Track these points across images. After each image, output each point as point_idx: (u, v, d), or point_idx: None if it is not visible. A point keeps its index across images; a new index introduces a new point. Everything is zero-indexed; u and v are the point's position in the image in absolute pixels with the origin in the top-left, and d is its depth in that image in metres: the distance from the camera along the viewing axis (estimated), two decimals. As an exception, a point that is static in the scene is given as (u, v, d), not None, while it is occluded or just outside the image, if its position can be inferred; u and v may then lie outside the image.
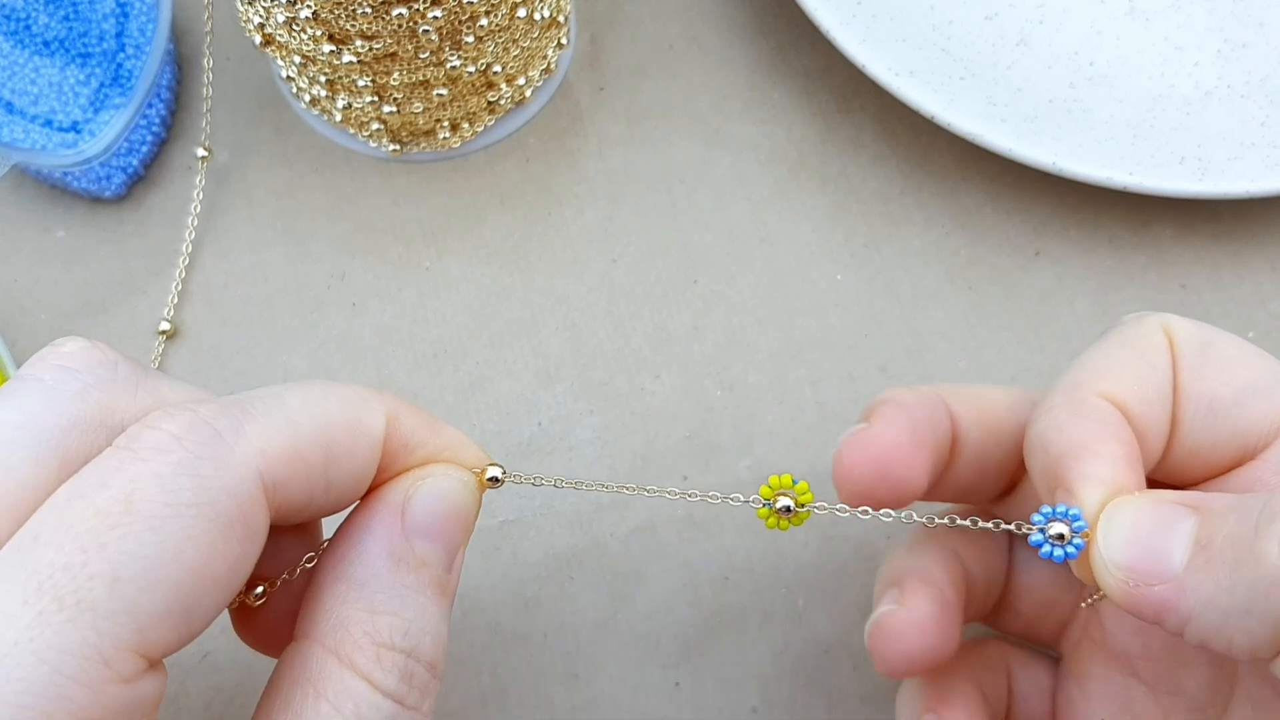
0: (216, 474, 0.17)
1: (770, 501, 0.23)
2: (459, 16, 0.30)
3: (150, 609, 0.16)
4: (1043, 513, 0.21)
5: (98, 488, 0.17)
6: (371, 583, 0.19)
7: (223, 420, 0.18)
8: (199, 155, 0.35)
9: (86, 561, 0.16)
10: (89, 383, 0.18)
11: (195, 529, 0.17)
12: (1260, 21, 0.36)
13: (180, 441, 0.17)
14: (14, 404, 0.18)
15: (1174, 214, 0.35)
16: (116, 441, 0.18)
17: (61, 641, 0.16)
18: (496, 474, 0.22)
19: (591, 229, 0.35)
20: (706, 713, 0.30)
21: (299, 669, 0.19)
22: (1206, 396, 0.22)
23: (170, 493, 0.17)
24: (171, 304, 0.34)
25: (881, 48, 0.34)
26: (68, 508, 0.17)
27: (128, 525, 0.16)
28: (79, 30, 0.34)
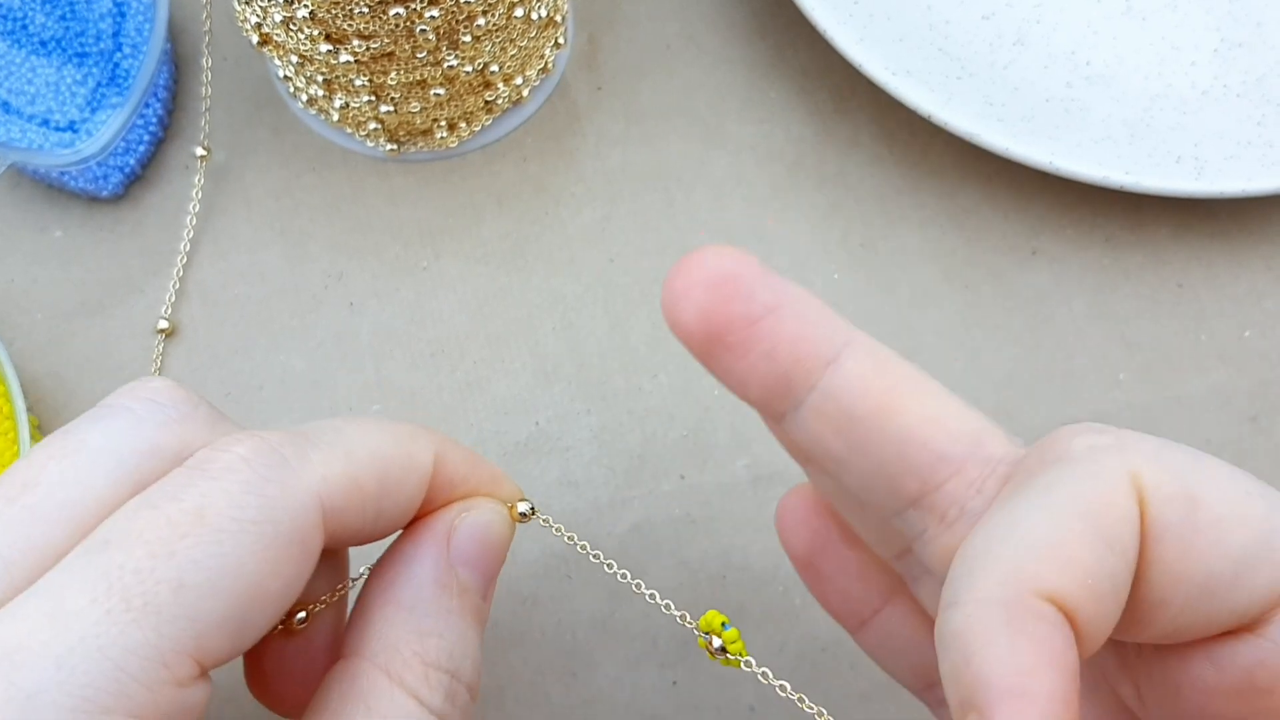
0: (281, 495, 0.18)
1: (709, 636, 0.23)
2: (456, 16, 0.30)
3: (210, 617, 0.17)
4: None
5: (169, 499, 0.18)
6: (419, 606, 0.21)
7: (288, 447, 0.19)
8: (198, 154, 0.35)
9: (155, 567, 0.17)
10: (172, 416, 0.19)
11: (258, 545, 0.18)
12: (1257, 21, 0.36)
13: (248, 463, 0.18)
14: (102, 427, 0.19)
15: (1171, 213, 0.35)
16: (187, 462, 0.19)
17: (126, 640, 0.16)
18: (524, 510, 0.24)
19: (589, 228, 0.35)
20: (704, 711, 0.30)
21: (348, 685, 0.20)
22: (1199, 576, 0.17)
23: (238, 509, 0.18)
24: (169, 304, 0.34)
25: (878, 47, 0.34)
26: (138, 516, 0.17)
27: (196, 536, 0.17)
28: (76, 30, 0.34)
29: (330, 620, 0.23)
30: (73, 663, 0.16)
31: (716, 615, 0.23)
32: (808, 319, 0.20)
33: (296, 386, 0.33)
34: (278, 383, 0.33)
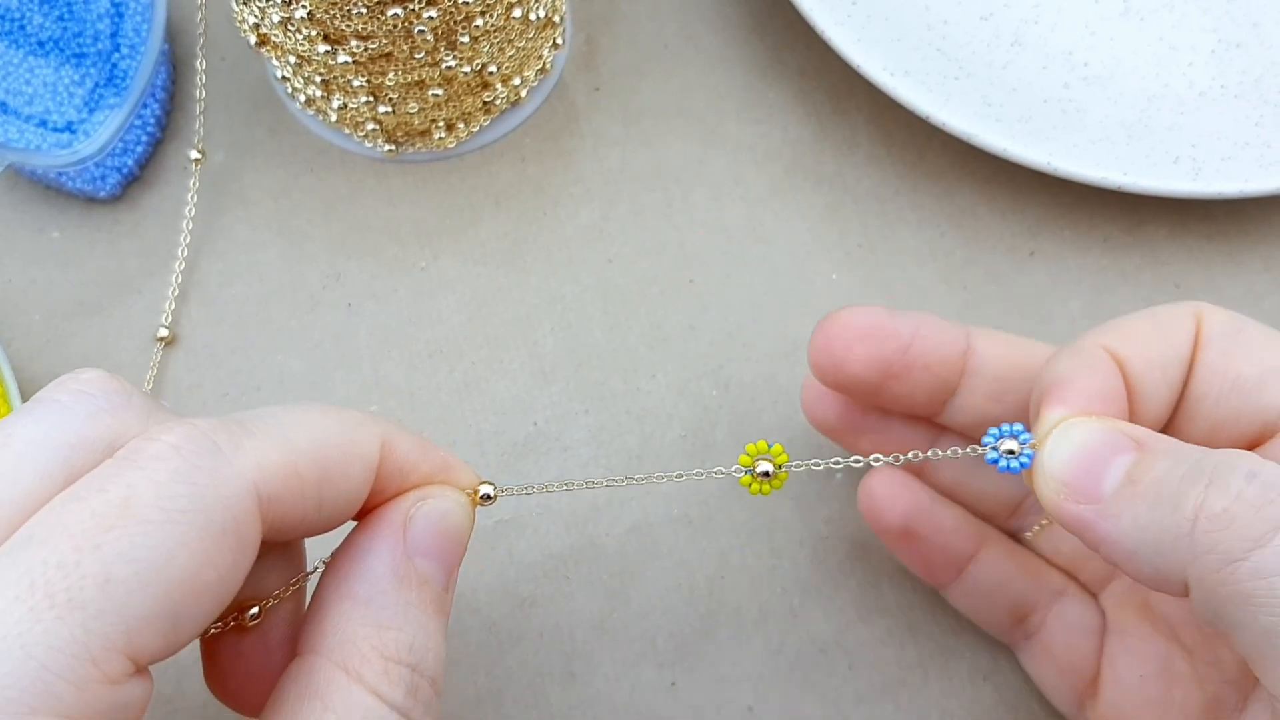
0: (212, 484, 0.18)
1: (750, 469, 0.24)
2: (454, 17, 0.30)
3: (140, 612, 0.17)
4: (992, 433, 0.23)
5: (95, 491, 0.17)
6: (377, 599, 0.20)
7: (220, 434, 0.18)
8: (193, 158, 0.35)
9: (80, 561, 0.16)
10: (103, 407, 0.19)
11: (188, 536, 0.17)
12: (1254, 22, 0.37)
13: (178, 451, 0.18)
14: (30, 420, 0.18)
15: (1168, 214, 0.35)
16: (117, 454, 0.18)
17: (50, 638, 0.16)
18: (488, 491, 0.23)
19: (587, 229, 0.35)
20: (703, 712, 0.30)
21: (305, 683, 0.19)
22: (1232, 373, 0.23)
23: (166, 499, 0.17)
24: (168, 307, 0.34)
25: (877, 48, 0.34)
26: (64, 510, 0.17)
27: (122, 528, 0.17)
28: (74, 30, 0.34)
29: (287, 615, 0.22)
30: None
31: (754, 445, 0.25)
32: (935, 330, 0.26)
33: (294, 387, 0.33)
34: (276, 383, 0.33)
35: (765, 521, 0.32)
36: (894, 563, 0.31)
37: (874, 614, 0.31)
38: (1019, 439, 0.23)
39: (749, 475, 0.24)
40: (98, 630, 0.16)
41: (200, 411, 0.33)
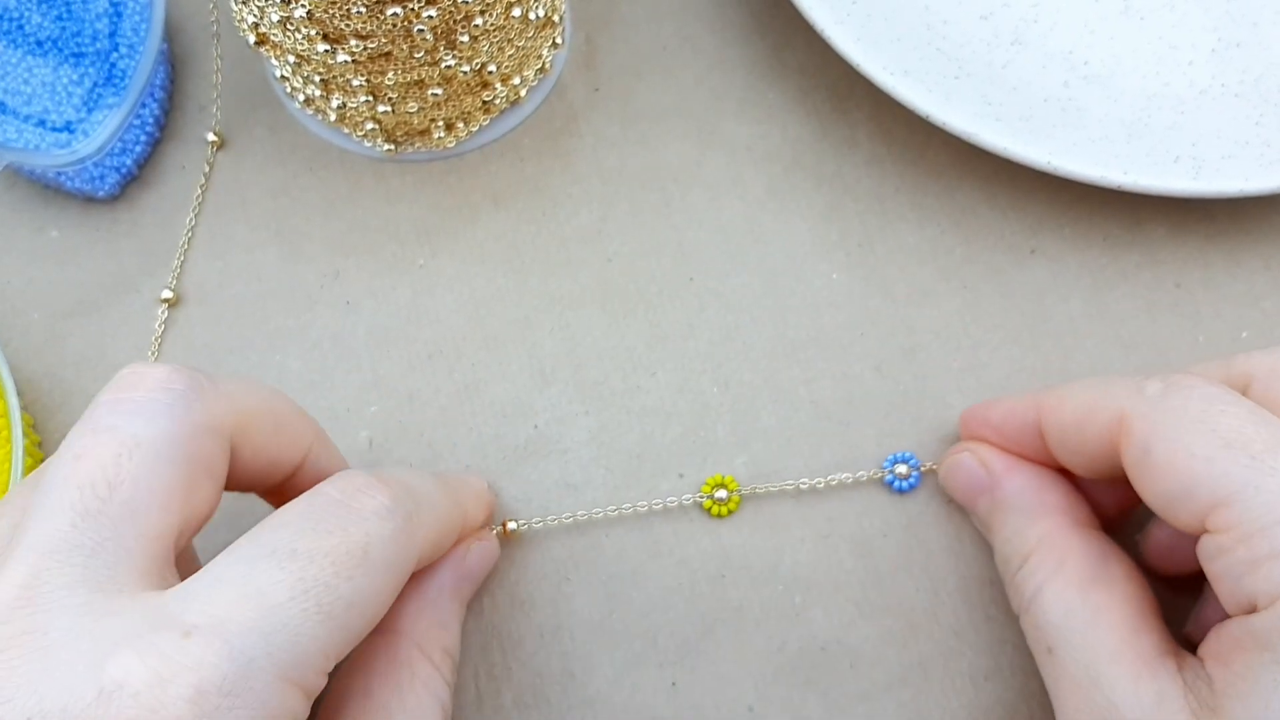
0: (410, 546, 0.23)
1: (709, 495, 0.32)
2: (454, 16, 0.30)
3: (355, 634, 0.22)
4: (888, 460, 0.32)
5: (341, 530, 0.22)
6: (440, 605, 0.27)
7: (409, 503, 0.24)
8: (209, 140, 0.35)
9: (338, 585, 0.21)
10: (193, 398, 0.23)
11: (397, 581, 0.23)
12: (1254, 21, 0.36)
13: (394, 514, 0.23)
14: (146, 420, 0.22)
15: (1168, 213, 0.35)
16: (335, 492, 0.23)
17: (314, 633, 0.20)
18: (514, 526, 0.31)
19: (586, 229, 0.35)
20: (704, 711, 0.30)
21: (394, 655, 0.26)
22: (1151, 497, 0.25)
23: (391, 554, 0.22)
24: (166, 305, 0.34)
25: (876, 47, 0.34)
26: (319, 540, 0.21)
27: (364, 569, 0.22)
28: (72, 30, 0.34)
29: None
30: (277, 641, 0.20)
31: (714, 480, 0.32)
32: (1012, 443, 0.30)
33: (293, 386, 0.33)
34: (274, 382, 0.33)
35: (766, 521, 0.32)
36: (896, 562, 0.31)
37: (875, 613, 0.31)
38: (909, 463, 0.32)
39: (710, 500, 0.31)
40: (337, 640, 0.21)
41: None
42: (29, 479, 0.23)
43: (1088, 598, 0.26)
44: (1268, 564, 0.22)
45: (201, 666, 0.19)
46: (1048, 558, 0.27)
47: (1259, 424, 0.23)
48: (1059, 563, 0.27)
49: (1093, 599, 0.26)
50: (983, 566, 0.31)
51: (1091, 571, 0.26)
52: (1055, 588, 0.26)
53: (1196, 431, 0.24)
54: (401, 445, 0.33)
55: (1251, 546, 0.22)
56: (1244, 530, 0.22)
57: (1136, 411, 0.25)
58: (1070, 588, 0.26)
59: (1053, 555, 0.27)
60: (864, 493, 0.32)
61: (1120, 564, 0.27)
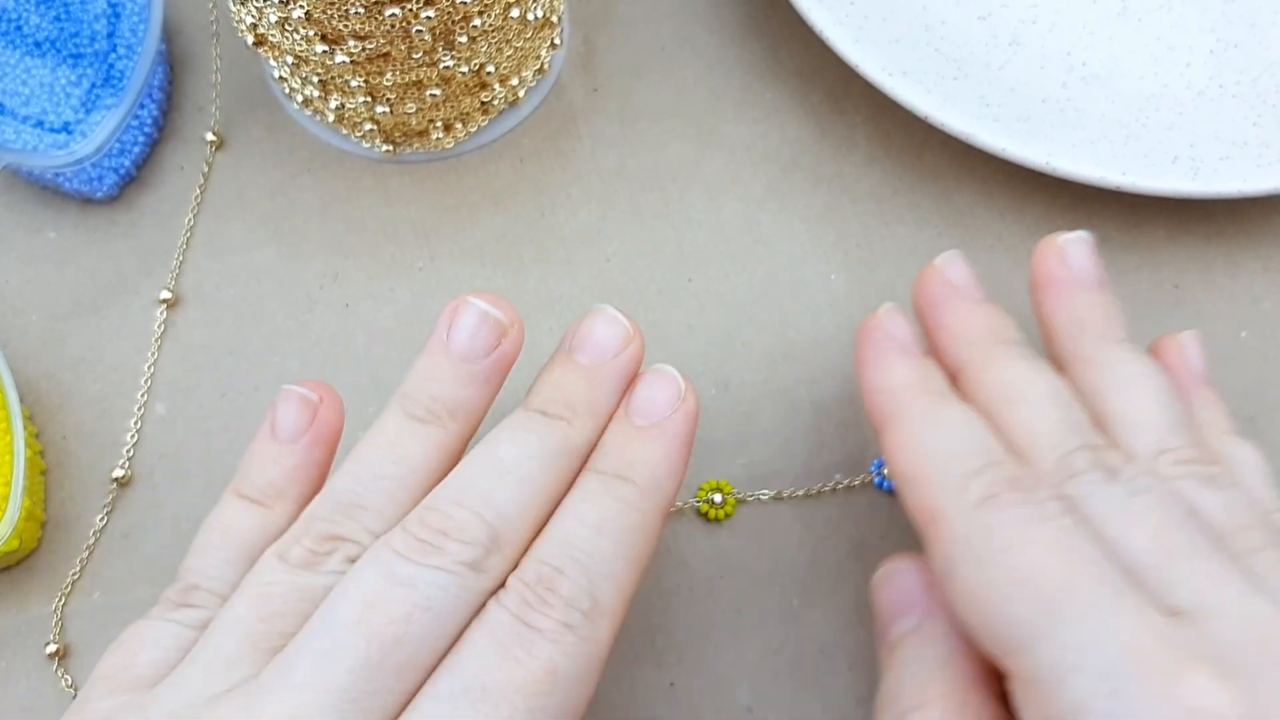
0: (597, 650, 0.22)
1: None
2: (452, 17, 0.30)
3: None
4: (875, 463, 0.32)
5: (527, 655, 0.21)
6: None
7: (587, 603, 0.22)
8: (207, 141, 0.36)
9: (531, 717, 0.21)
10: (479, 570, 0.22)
11: (585, 689, 0.22)
12: (1252, 22, 0.37)
13: (571, 630, 0.22)
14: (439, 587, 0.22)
15: (1167, 214, 0.35)
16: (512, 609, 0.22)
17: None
18: None
19: (585, 229, 0.35)
20: (701, 712, 0.30)
21: None
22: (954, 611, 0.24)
23: (577, 668, 0.22)
24: (164, 306, 0.34)
25: (875, 48, 0.34)
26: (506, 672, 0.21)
27: (550, 694, 0.21)
28: (70, 31, 0.34)
29: None
30: None
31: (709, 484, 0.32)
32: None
33: (292, 388, 0.33)
34: (273, 383, 0.33)
35: (764, 522, 0.32)
36: (893, 563, 0.31)
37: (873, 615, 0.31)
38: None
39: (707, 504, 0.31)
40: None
41: (195, 415, 0.33)
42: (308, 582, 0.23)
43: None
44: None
45: None
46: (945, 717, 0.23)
47: (1059, 555, 0.21)
48: (946, 690, 0.23)
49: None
50: (981, 567, 0.31)
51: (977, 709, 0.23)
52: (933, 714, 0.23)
53: (996, 568, 0.22)
54: (400, 446, 0.33)
55: (1043, 703, 0.20)
56: (1035, 685, 0.21)
57: (949, 518, 0.23)
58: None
59: (940, 674, 0.24)
60: (861, 495, 0.32)
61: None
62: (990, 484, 0.23)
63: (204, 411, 0.33)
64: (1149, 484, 0.23)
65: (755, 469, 0.32)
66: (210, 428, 0.33)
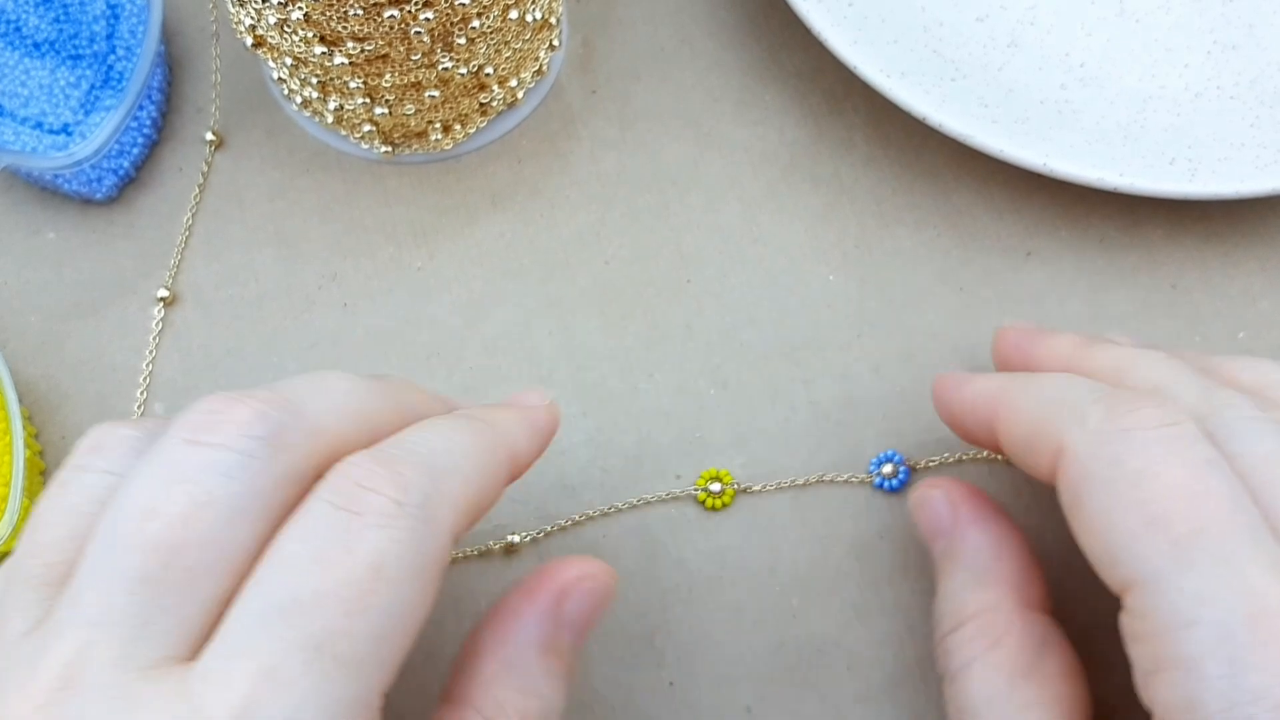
0: (434, 541, 0.20)
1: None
2: (451, 18, 0.30)
3: (397, 658, 0.19)
4: (873, 461, 0.32)
5: (345, 554, 0.19)
6: (523, 668, 0.22)
7: (426, 483, 0.20)
8: (207, 142, 0.36)
9: (353, 625, 0.18)
10: (277, 446, 0.20)
11: (425, 588, 0.20)
12: (1250, 23, 0.37)
13: (403, 508, 0.20)
14: (223, 476, 0.19)
15: (1164, 214, 0.35)
16: (332, 498, 0.20)
17: (342, 693, 0.18)
18: (516, 540, 0.30)
19: (584, 231, 0.35)
20: (701, 712, 0.30)
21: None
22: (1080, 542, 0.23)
23: (408, 562, 0.19)
24: (163, 307, 0.34)
25: (873, 49, 0.34)
26: (322, 574, 0.19)
27: (379, 592, 0.19)
28: (69, 32, 0.34)
29: None
30: (305, 717, 0.17)
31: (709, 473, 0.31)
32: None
33: (291, 389, 0.33)
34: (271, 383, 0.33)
35: (763, 522, 0.32)
36: (893, 563, 0.31)
37: (873, 614, 0.31)
38: (894, 462, 0.31)
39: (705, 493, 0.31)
40: (375, 680, 0.19)
41: (196, 413, 0.33)
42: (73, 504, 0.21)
43: (1015, 691, 0.23)
44: (1171, 672, 0.20)
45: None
46: (983, 632, 0.24)
47: (1191, 497, 0.20)
48: (994, 642, 0.24)
49: (1020, 694, 0.23)
50: (980, 567, 0.31)
51: (1025, 661, 0.24)
52: (983, 669, 0.24)
53: (1124, 497, 0.21)
54: (399, 447, 0.33)
55: (1158, 646, 0.20)
56: (1153, 625, 0.20)
57: (1074, 449, 0.22)
58: (999, 674, 0.24)
59: (989, 631, 0.24)
60: (860, 494, 0.32)
61: (1058, 658, 0.24)
62: (1114, 404, 0.22)
63: (203, 412, 0.33)
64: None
65: (754, 468, 0.32)
66: (209, 428, 0.33)
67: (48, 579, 0.20)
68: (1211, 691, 0.19)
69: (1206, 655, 0.19)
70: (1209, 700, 0.19)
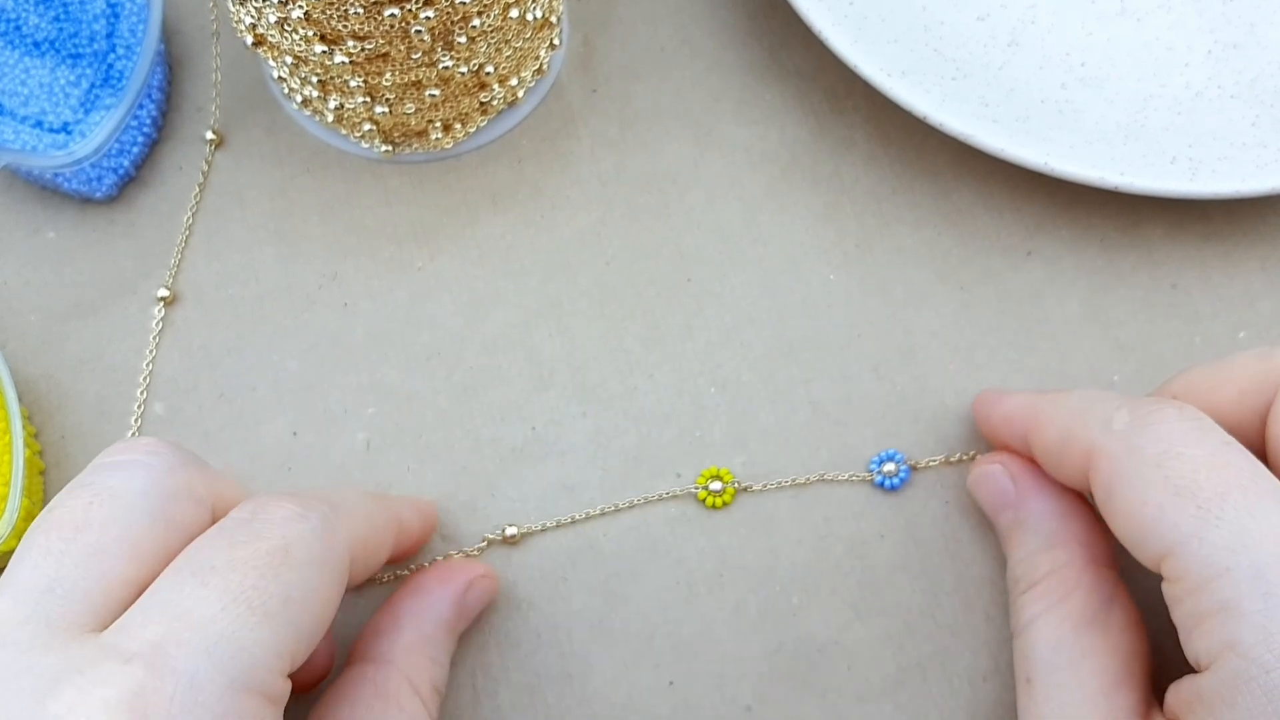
0: (334, 543, 0.23)
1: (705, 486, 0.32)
2: (451, 17, 0.30)
3: (303, 627, 0.21)
4: (873, 460, 0.32)
5: (256, 539, 0.22)
6: (435, 640, 0.28)
7: (324, 507, 0.23)
8: (207, 140, 0.35)
9: (267, 585, 0.21)
10: (174, 463, 0.23)
11: (326, 578, 0.22)
12: (1250, 22, 0.37)
13: (305, 518, 0.23)
14: (121, 476, 0.23)
15: (1164, 214, 0.35)
16: (240, 512, 0.23)
17: (257, 636, 0.20)
18: (514, 532, 0.32)
19: (584, 230, 0.35)
20: (701, 711, 0.30)
21: (382, 686, 0.26)
22: (1119, 532, 0.25)
23: (313, 550, 0.22)
24: (163, 307, 0.34)
25: (874, 48, 0.34)
26: (235, 551, 0.21)
27: (289, 567, 0.21)
28: (69, 31, 0.34)
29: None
30: (221, 652, 0.20)
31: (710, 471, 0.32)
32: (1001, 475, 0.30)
33: (290, 388, 0.33)
34: (271, 384, 0.33)
35: (763, 521, 0.32)
36: (893, 562, 0.31)
37: (872, 614, 0.31)
38: (895, 461, 0.32)
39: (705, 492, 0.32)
40: (283, 635, 0.21)
41: (194, 415, 0.33)
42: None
43: (1079, 638, 0.25)
44: (1210, 620, 0.21)
45: (144, 691, 0.19)
46: (1053, 589, 0.27)
47: (1212, 469, 0.22)
48: (1062, 597, 0.26)
49: (1084, 641, 0.25)
50: (980, 567, 0.31)
51: (1091, 613, 0.26)
52: (1051, 620, 0.26)
53: (1151, 478, 0.23)
54: (399, 447, 0.33)
55: (1196, 600, 0.22)
56: (1189, 583, 0.22)
57: (1102, 449, 0.24)
58: (1065, 623, 0.26)
59: (1059, 588, 0.27)
60: (860, 493, 0.32)
61: (1123, 611, 0.26)
62: (1136, 407, 0.24)
63: (202, 412, 0.33)
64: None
65: (754, 468, 0.32)
66: (208, 428, 0.33)
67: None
68: (1248, 627, 0.20)
69: (1242, 595, 0.21)
70: (1246, 636, 0.20)
